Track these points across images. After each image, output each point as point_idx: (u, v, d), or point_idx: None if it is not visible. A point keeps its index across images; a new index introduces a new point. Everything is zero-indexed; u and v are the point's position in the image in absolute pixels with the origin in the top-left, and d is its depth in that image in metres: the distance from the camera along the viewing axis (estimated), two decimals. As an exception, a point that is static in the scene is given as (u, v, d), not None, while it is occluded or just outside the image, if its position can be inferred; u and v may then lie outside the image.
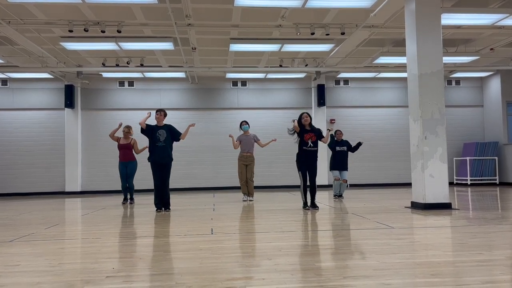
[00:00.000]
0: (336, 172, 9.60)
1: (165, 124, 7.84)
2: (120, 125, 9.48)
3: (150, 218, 6.82)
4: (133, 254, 3.93)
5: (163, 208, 7.73)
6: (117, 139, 9.57)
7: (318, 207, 7.63)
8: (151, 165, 7.70)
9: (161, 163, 7.65)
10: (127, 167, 9.52)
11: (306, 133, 7.54)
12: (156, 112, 7.85)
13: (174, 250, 4.08)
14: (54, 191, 14.20)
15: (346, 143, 9.74)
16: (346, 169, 9.59)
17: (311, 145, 7.53)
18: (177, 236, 4.90)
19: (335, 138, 9.76)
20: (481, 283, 2.75)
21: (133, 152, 9.66)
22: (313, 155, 7.59)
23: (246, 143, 9.80)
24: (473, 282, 2.79)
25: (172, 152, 7.86)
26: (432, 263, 3.30)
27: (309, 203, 7.65)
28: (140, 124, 7.64)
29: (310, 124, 7.67)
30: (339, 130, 9.89)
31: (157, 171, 7.67)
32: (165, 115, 7.88)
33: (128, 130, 9.62)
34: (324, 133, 7.88)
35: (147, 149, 8.03)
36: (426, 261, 3.40)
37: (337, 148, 9.59)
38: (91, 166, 14.32)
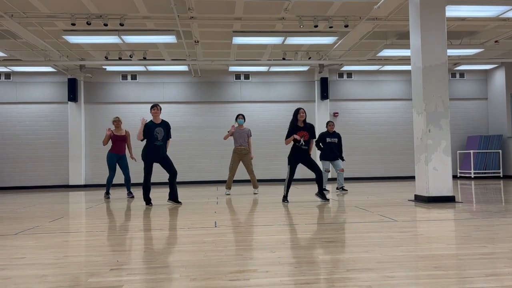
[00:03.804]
0: (327, 163, 9.45)
1: (162, 121, 7.61)
2: (109, 129, 9.28)
3: (153, 211, 6.84)
4: (137, 247, 3.95)
5: (175, 202, 7.55)
6: (110, 137, 9.25)
7: (328, 200, 7.71)
8: (145, 163, 7.46)
9: (158, 160, 7.51)
10: (120, 160, 9.29)
11: (298, 130, 7.55)
12: (152, 108, 7.55)
13: (178, 243, 4.10)
14: (57, 184, 14.27)
15: (337, 135, 9.57)
16: (337, 158, 9.42)
17: (303, 143, 7.52)
18: (180, 229, 4.92)
19: (327, 130, 9.60)
20: (484, 276, 2.75)
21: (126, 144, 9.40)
22: (306, 152, 7.61)
23: (239, 137, 9.69)
24: (476, 275, 2.79)
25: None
26: (436, 256, 3.31)
27: (288, 197, 7.79)
28: (138, 138, 7.45)
29: (304, 121, 7.65)
30: (331, 122, 9.72)
31: (151, 168, 7.49)
32: (161, 109, 7.67)
33: (118, 119, 9.41)
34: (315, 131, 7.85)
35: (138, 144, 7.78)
36: (429, 254, 3.40)
37: (328, 140, 9.44)
38: (94, 159, 14.36)
